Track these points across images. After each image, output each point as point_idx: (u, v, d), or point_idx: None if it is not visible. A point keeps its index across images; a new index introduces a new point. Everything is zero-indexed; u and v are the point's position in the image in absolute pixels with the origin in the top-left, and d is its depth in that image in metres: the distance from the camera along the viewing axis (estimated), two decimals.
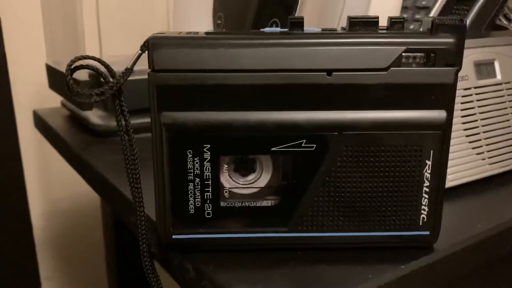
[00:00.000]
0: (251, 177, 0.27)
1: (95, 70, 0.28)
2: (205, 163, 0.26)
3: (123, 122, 0.28)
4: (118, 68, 0.28)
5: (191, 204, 0.27)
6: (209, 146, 0.26)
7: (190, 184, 0.26)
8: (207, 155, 0.26)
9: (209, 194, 0.26)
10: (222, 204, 0.27)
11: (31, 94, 0.73)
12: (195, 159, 0.26)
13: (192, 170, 0.26)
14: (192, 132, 0.26)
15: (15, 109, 0.68)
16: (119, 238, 0.68)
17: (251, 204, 0.27)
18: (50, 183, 0.83)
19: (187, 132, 0.26)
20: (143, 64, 0.27)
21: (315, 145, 0.26)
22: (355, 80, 0.25)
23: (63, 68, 0.53)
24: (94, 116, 0.53)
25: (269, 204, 0.27)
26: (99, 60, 0.28)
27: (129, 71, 0.27)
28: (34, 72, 0.67)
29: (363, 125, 0.26)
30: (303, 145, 0.26)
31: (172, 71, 0.25)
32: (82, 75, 0.48)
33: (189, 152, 0.26)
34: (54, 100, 0.62)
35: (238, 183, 0.27)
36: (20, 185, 0.71)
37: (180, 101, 0.25)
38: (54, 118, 0.58)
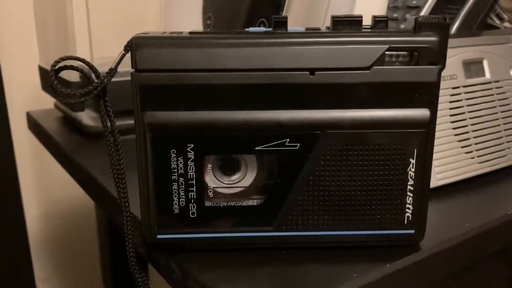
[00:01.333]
0: (235, 176, 0.27)
1: (80, 70, 0.28)
2: (189, 162, 0.26)
3: (108, 123, 0.28)
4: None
5: (176, 204, 0.27)
6: (193, 145, 0.26)
7: (174, 184, 0.26)
8: (191, 155, 0.26)
9: (194, 194, 0.27)
10: (207, 203, 0.27)
11: (25, 96, 0.73)
12: (179, 158, 0.26)
13: (176, 170, 0.26)
14: (176, 131, 0.26)
15: (8, 111, 0.68)
16: (114, 239, 0.68)
17: (236, 203, 0.27)
18: (46, 184, 0.83)
19: (170, 131, 0.26)
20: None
21: (298, 144, 0.26)
22: (338, 79, 0.25)
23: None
24: (86, 118, 0.53)
25: (254, 204, 0.27)
26: (83, 61, 0.28)
27: (113, 71, 0.27)
28: (28, 74, 0.67)
29: (346, 124, 0.26)
30: (287, 144, 0.26)
31: (155, 71, 0.25)
32: (73, 76, 0.48)
33: (173, 151, 0.26)
34: (48, 102, 0.62)
35: (223, 183, 0.27)
36: (14, 187, 0.71)
37: (164, 101, 0.25)
38: (47, 120, 0.58)
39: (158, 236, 0.27)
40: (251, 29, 0.27)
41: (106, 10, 0.52)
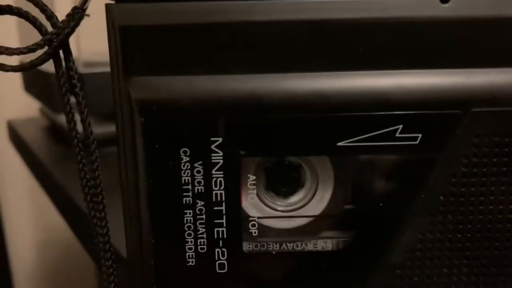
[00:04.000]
0: (297, 197, 0.15)
1: (22, 14, 0.16)
2: (214, 172, 0.14)
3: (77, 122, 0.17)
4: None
5: (190, 249, 0.15)
6: (220, 140, 0.14)
7: (188, 212, 0.14)
8: (218, 158, 0.14)
9: (223, 231, 0.14)
10: (247, 247, 0.15)
11: (7, 102, 0.63)
12: (196, 165, 0.14)
13: (190, 186, 0.14)
14: (189, 113, 0.14)
15: None
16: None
17: (297, 247, 0.15)
18: (45, 208, 0.73)
19: (179, 113, 0.14)
20: None
21: (420, 135, 0.14)
22: (492, 9, 0.14)
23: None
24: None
25: (331, 248, 0.15)
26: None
27: (78, 12, 0.15)
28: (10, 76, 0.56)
29: (510, 96, 0.14)
30: (397, 135, 0.14)
31: (151, 0, 0.13)
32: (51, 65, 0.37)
33: (184, 152, 0.14)
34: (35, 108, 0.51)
35: (275, 210, 0.15)
36: None
37: (166, 56, 0.14)
38: (30, 129, 0.47)
39: None
40: None
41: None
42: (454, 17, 0.13)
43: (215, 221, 0.14)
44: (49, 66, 0.17)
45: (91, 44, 0.40)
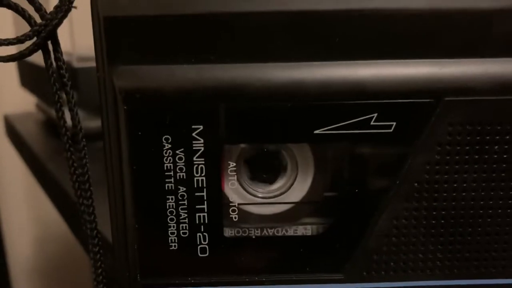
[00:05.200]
0: (277, 184, 0.16)
1: (11, 6, 0.16)
2: (195, 159, 0.15)
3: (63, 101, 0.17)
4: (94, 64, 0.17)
5: (173, 233, 0.15)
6: (201, 127, 0.14)
7: (170, 197, 0.15)
8: (199, 145, 0.14)
9: (204, 216, 0.15)
10: (228, 232, 0.15)
11: (3, 97, 0.63)
12: (177, 152, 0.14)
13: (172, 173, 0.15)
14: (171, 101, 0.14)
15: None
16: None
17: (277, 232, 0.16)
18: (42, 204, 0.73)
19: (161, 101, 0.14)
20: None
21: (394, 123, 0.14)
22: (465, 0, 0.14)
23: (35, 59, 0.42)
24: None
25: (310, 233, 0.16)
26: None
27: (66, 3, 0.16)
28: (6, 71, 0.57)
29: (484, 85, 0.14)
30: (372, 123, 0.14)
31: None
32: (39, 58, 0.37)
33: (166, 139, 0.14)
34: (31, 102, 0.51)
35: (255, 196, 0.16)
36: None
37: (149, 45, 0.14)
38: (26, 123, 0.47)
39: None
40: None
41: None
42: (428, 8, 0.14)
43: (197, 206, 0.15)
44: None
45: (85, 38, 0.40)
